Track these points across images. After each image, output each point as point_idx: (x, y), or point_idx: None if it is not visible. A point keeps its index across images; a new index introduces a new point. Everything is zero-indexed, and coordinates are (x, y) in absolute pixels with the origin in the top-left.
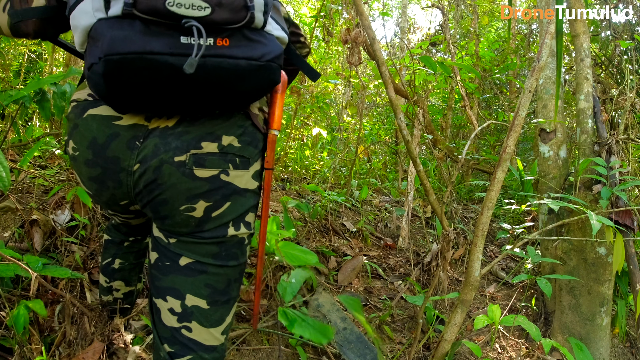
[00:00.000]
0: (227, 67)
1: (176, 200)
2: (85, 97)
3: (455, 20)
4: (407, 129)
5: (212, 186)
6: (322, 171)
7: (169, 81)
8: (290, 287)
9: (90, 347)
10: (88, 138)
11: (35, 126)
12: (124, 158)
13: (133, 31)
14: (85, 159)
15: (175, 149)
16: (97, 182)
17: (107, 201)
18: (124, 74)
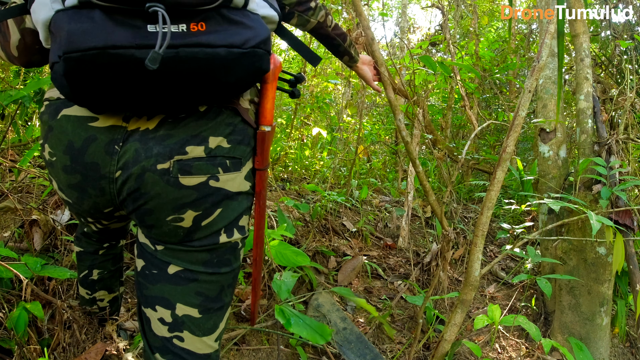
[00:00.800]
0: (203, 57)
1: (162, 211)
2: (58, 95)
3: (455, 20)
4: (406, 130)
5: (200, 194)
6: (322, 171)
7: (138, 78)
8: (285, 284)
9: (93, 348)
10: (64, 142)
11: (35, 126)
12: (104, 164)
13: (93, 23)
14: (63, 165)
15: (157, 156)
16: (77, 190)
17: (89, 209)
18: (87, 72)
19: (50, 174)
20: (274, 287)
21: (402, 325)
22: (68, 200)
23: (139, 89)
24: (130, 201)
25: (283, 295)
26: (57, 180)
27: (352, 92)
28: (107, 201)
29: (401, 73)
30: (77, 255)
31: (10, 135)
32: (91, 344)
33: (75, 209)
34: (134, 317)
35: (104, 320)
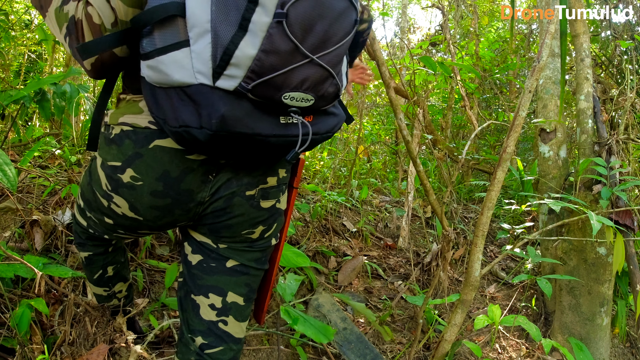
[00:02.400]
0: (313, 141)
1: (241, 226)
2: (147, 124)
3: (455, 20)
4: (407, 129)
5: (270, 214)
6: (322, 171)
7: (260, 151)
8: (289, 287)
9: (95, 349)
10: (158, 170)
11: (35, 126)
12: (198, 191)
13: (243, 111)
14: (152, 190)
15: (247, 184)
16: (161, 211)
17: (161, 225)
18: (225, 143)
19: (121, 194)
20: (279, 290)
21: (403, 325)
22: (136, 217)
23: (253, 155)
24: (211, 217)
25: (288, 297)
26: (134, 201)
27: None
28: (186, 219)
29: (401, 73)
30: (87, 260)
31: (10, 135)
32: (102, 335)
33: (135, 225)
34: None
35: (116, 312)
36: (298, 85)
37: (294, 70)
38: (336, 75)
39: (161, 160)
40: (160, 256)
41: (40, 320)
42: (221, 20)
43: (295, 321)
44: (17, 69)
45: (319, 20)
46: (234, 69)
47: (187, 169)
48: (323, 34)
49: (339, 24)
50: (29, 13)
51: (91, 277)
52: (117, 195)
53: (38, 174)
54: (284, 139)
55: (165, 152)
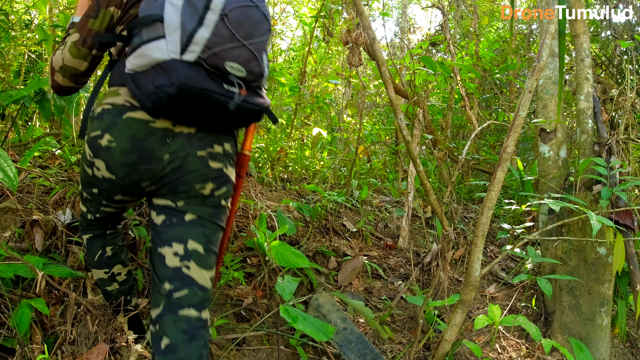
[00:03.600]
0: (246, 108)
1: (194, 181)
2: (123, 102)
3: (455, 21)
4: (407, 129)
5: (218, 175)
6: (322, 171)
7: (209, 109)
8: (288, 286)
9: (95, 348)
10: (128, 133)
11: (35, 126)
12: (157, 150)
13: (200, 75)
14: (122, 149)
15: (197, 147)
16: (128, 167)
17: (130, 184)
18: (186, 98)
19: (99, 156)
20: (277, 290)
21: (403, 325)
22: (111, 177)
23: (203, 114)
24: (170, 175)
25: (287, 297)
26: (109, 159)
27: (352, 92)
28: (149, 176)
29: (401, 73)
30: (88, 242)
31: (10, 135)
32: (103, 334)
33: (118, 183)
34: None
35: (117, 311)
36: (235, 58)
37: (232, 49)
38: (260, 60)
39: (131, 126)
40: None
41: (40, 320)
42: (187, 19)
43: (294, 320)
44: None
45: (246, 22)
46: (194, 46)
47: (150, 133)
48: (249, 30)
49: (258, 25)
50: (29, 13)
51: (92, 260)
52: (97, 158)
53: (38, 174)
54: (226, 98)
55: (135, 121)
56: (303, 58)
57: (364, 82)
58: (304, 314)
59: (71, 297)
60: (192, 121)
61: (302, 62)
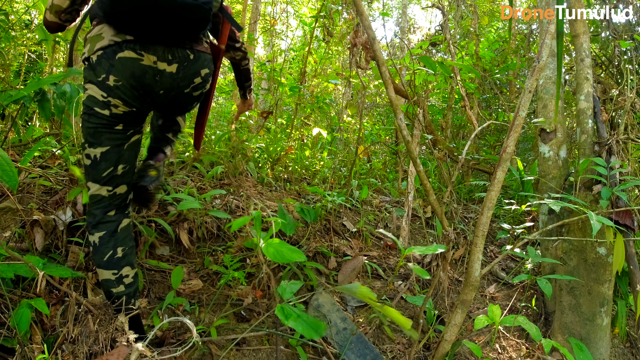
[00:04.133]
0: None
1: (183, 104)
2: (108, 43)
3: (455, 21)
4: (407, 129)
5: (198, 99)
6: (322, 171)
7: (146, 6)
8: (290, 287)
9: (115, 350)
10: (128, 72)
11: (35, 126)
12: (154, 85)
13: None
14: (130, 85)
15: (182, 86)
16: (139, 98)
17: (141, 108)
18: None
19: (113, 95)
20: (279, 290)
21: None
22: (129, 109)
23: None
24: (167, 100)
25: (287, 296)
26: (123, 96)
27: (352, 92)
28: (155, 103)
29: (401, 73)
30: (100, 240)
31: (10, 135)
32: (104, 334)
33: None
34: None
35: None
36: None
37: None
38: None
39: (126, 64)
40: (160, 256)
41: (40, 320)
42: None
43: (287, 317)
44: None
45: None
46: None
47: (143, 70)
48: None
49: None
50: (29, 13)
51: (101, 260)
52: (112, 97)
53: (39, 174)
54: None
55: (128, 60)
56: (303, 58)
57: (364, 82)
58: (298, 311)
59: (72, 297)
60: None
61: (302, 62)
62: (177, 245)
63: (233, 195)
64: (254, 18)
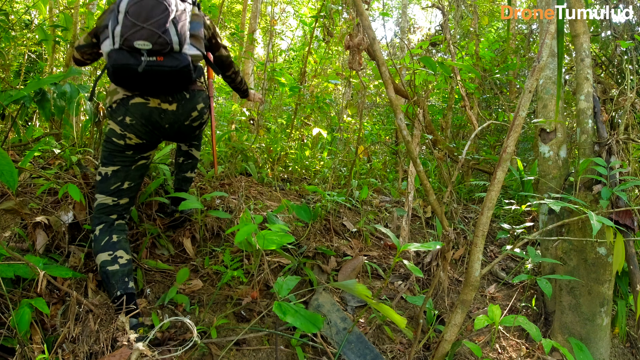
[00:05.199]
0: (160, 70)
1: (186, 134)
2: (122, 96)
3: (455, 21)
4: (407, 129)
5: (199, 125)
6: (322, 171)
7: (136, 75)
8: (287, 284)
9: (117, 352)
10: (139, 113)
11: (35, 126)
12: (160, 122)
13: (123, 55)
14: (141, 123)
15: (183, 120)
16: (148, 134)
17: (154, 141)
18: (120, 70)
19: (128, 130)
20: (275, 287)
21: None
22: (142, 141)
23: (136, 79)
24: (172, 131)
25: (283, 293)
26: (136, 132)
27: (352, 92)
28: (163, 135)
29: (401, 73)
30: (99, 232)
31: (10, 135)
32: (105, 333)
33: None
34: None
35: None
36: (140, 37)
37: (136, 32)
38: (162, 33)
39: (137, 107)
40: (160, 256)
41: (40, 319)
42: (112, 23)
43: (285, 313)
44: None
45: (142, 10)
46: (116, 38)
47: (150, 111)
48: (146, 15)
49: (154, 10)
50: (29, 13)
51: (99, 246)
52: (128, 132)
53: (39, 174)
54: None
55: (139, 105)
56: (303, 58)
57: (364, 82)
58: (295, 307)
59: (73, 297)
60: (153, 90)
61: (302, 62)
62: (177, 245)
63: (233, 196)
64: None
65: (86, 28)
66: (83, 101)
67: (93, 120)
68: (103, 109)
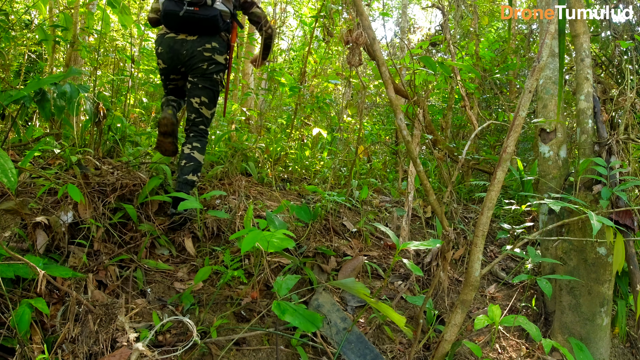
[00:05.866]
0: (193, 16)
1: (198, 63)
2: (162, 32)
3: (455, 21)
4: (407, 129)
5: (209, 58)
6: (322, 171)
7: (177, 18)
8: (286, 283)
9: (117, 352)
10: (166, 44)
11: (35, 126)
12: (180, 49)
13: (171, 4)
14: (165, 51)
15: (197, 46)
16: (170, 59)
17: (173, 67)
18: (169, 15)
19: (158, 57)
20: (275, 286)
21: None
22: (165, 66)
23: (176, 22)
24: (188, 62)
25: (282, 292)
26: (162, 58)
27: (352, 92)
28: (179, 62)
29: (401, 73)
30: (162, 105)
31: (10, 135)
32: (105, 334)
33: (167, 69)
34: (135, 319)
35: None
36: None
37: None
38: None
39: (167, 40)
40: (160, 256)
41: (40, 320)
42: None
43: (284, 312)
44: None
45: None
46: None
47: (175, 42)
48: None
49: None
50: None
51: (161, 106)
52: (158, 58)
53: (39, 174)
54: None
55: (168, 38)
56: (303, 58)
57: (364, 82)
58: (294, 306)
59: (72, 297)
60: (188, 30)
61: (302, 62)
62: (177, 245)
63: (233, 196)
64: None
65: (86, 28)
66: (83, 101)
67: (93, 120)
68: (103, 108)
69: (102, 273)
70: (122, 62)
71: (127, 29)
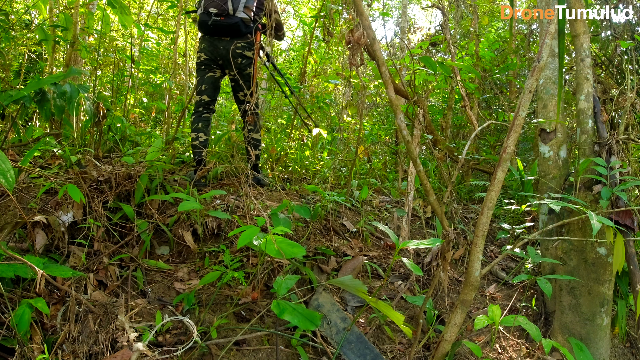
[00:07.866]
0: (219, 24)
1: (234, 58)
2: (202, 35)
3: (455, 21)
4: (407, 129)
5: (242, 55)
6: (322, 171)
7: (207, 25)
8: (286, 283)
9: (119, 353)
10: (207, 42)
11: (35, 126)
12: (218, 45)
13: (204, 15)
14: (207, 46)
15: (230, 45)
16: (210, 53)
17: (212, 60)
18: (202, 23)
19: (201, 51)
20: (275, 286)
21: None
22: (207, 57)
23: (208, 28)
24: (226, 56)
25: (281, 292)
26: (204, 52)
27: (352, 92)
28: (219, 56)
29: (401, 73)
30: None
31: (10, 135)
32: (105, 334)
33: (209, 59)
34: (135, 319)
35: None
36: (211, 6)
37: (210, 3)
38: (222, 4)
39: (207, 40)
40: (160, 256)
41: (40, 320)
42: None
43: (283, 311)
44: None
45: None
46: (202, 7)
47: (214, 40)
48: None
49: None
50: (29, 13)
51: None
52: (200, 52)
53: (39, 174)
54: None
55: (207, 39)
56: (303, 58)
57: (364, 82)
58: (293, 305)
59: (72, 297)
60: (218, 34)
61: (302, 62)
62: (177, 245)
63: (233, 195)
64: None
65: (86, 28)
66: (83, 101)
67: (93, 120)
68: (103, 108)
69: (102, 273)
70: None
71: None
